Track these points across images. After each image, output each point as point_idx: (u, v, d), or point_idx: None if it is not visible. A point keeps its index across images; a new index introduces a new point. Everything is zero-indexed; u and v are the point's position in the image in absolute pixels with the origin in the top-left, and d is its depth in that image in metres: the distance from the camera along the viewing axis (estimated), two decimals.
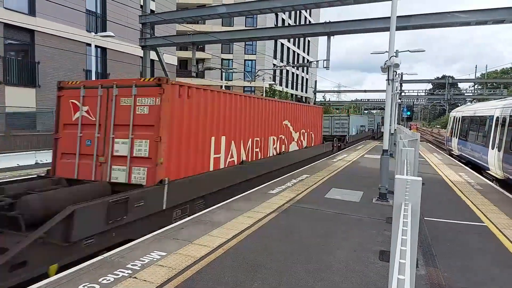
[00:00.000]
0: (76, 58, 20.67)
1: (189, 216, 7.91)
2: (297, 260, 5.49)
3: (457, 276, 5.16)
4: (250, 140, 12.15)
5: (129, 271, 4.92)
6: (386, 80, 9.76)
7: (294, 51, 62.23)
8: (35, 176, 8.58)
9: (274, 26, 47.48)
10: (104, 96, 8.08)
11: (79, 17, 20.52)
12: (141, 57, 22.99)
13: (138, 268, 5.02)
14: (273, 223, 7.38)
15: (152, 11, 22.64)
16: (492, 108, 15.00)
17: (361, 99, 75.00)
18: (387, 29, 11.54)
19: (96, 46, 19.90)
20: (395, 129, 22.39)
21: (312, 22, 62.98)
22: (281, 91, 49.89)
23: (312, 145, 19.81)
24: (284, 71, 56.87)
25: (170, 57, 27.61)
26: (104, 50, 22.76)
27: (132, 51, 23.69)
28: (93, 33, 18.93)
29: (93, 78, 17.85)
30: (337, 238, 6.54)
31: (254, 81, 41.01)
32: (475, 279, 5.12)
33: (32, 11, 18.68)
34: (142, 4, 22.02)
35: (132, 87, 7.80)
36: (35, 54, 18.89)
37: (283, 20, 55.73)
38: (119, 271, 4.90)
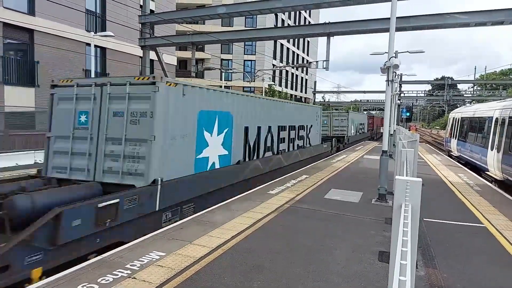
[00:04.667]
0: (75, 58, 20.66)
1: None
2: (296, 260, 5.49)
3: (457, 277, 5.16)
4: None
5: (128, 271, 4.91)
6: (386, 81, 9.75)
7: (293, 52, 62.26)
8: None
9: (273, 26, 47.46)
10: None
11: (78, 17, 20.50)
12: (140, 57, 22.97)
13: (137, 268, 5.01)
14: (272, 223, 7.38)
15: (151, 11, 22.57)
16: (491, 109, 15.01)
17: (361, 100, 74.86)
18: (386, 30, 11.55)
19: (96, 46, 19.87)
20: (394, 130, 22.40)
21: (312, 22, 63.00)
22: (280, 92, 49.88)
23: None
24: (284, 72, 56.86)
25: (170, 57, 27.57)
26: (103, 50, 22.74)
27: (132, 51, 23.67)
28: (92, 33, 18.91)
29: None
30: (336, 239, 6.54)
31: (254, 81, 40.98)
32: (474, 280, 5.12)
33: (31, 11, 18.65)
34: (141, 4, 22.04)
35: None
36: (34, 53, 18.86)
37: (282, 20, 55.74)
38: (118, 271, 4.89)
